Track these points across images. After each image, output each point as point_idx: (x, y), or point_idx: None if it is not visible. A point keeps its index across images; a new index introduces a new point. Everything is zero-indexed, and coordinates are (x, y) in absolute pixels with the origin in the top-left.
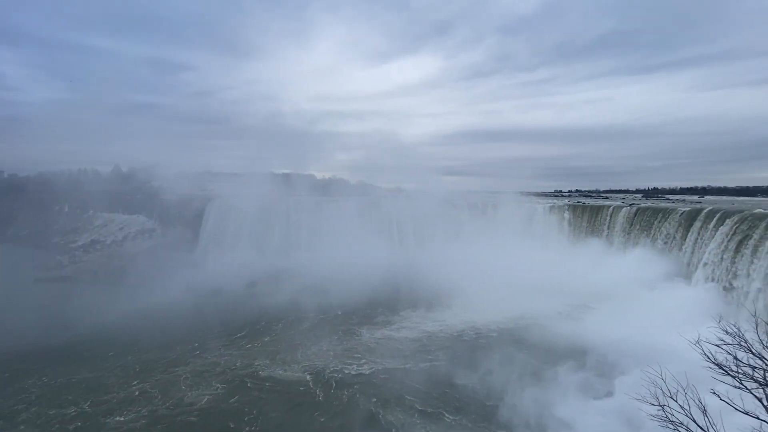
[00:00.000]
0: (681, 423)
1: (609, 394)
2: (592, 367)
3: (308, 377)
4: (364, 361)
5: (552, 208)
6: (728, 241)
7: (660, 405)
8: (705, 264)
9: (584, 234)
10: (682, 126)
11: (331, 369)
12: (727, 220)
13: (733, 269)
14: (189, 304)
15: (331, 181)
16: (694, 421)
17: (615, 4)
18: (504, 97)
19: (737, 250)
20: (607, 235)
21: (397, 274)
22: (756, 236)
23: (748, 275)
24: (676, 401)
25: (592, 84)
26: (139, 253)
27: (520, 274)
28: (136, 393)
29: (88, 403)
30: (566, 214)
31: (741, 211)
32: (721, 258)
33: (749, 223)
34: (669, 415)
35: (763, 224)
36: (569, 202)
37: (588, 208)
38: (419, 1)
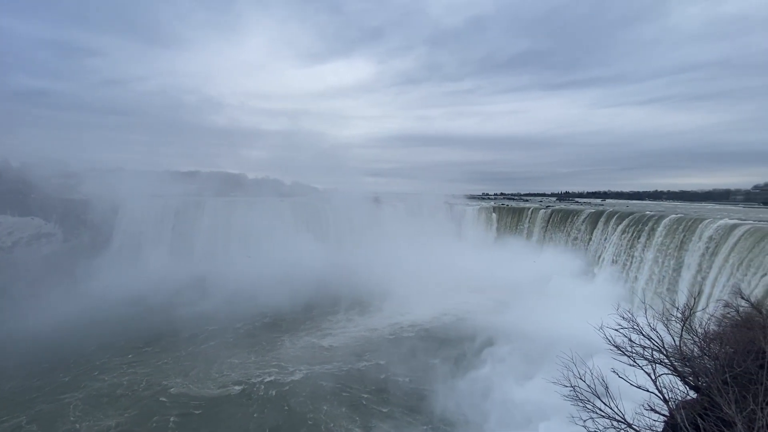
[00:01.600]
0: (588, 400)
1: (529, 378)
2: (513, 356)
3: (227, 392)
4: (293, 368)
5: (480, 209)
6: (624, 239)
7: (572, 386)
8: (607, 259)
9: (508, 233)
10: (585, 138)
11: (256, 380)
12: (623, 222)
13: (628, 262)
14: (94, 317)
15: (263, 181)
16: (599, 398)
17: (529, 27)
18: (434, 105)
19: (631, 247)
20: (527, 234)
21: (332, 276)
22: (645, 235)
23: (639, 267)
24: (584, 381)
25: (512, 96)
26: (33, 261)
27: (450, 272)
28: None
29: None
30: (493, 215)
31: (632, 213)
32: (619, 253)
33: (640, 223)
34: (578, 395)
35: (650, 225)
36: (495, 204)
37: (511, 210)
38: (352, 6)
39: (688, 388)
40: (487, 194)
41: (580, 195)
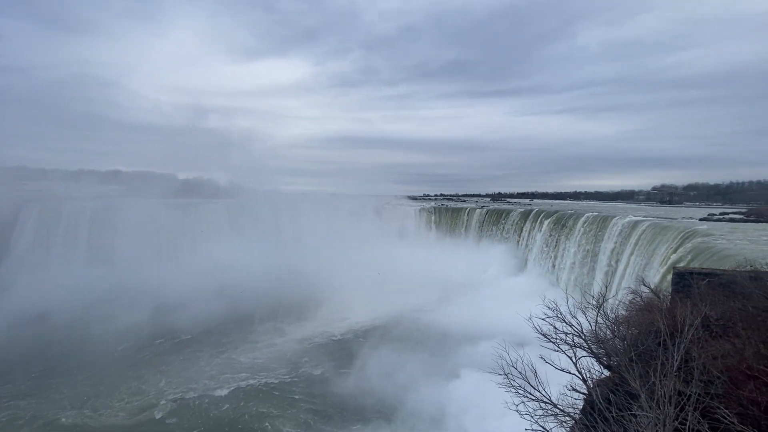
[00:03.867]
0: (520, 386)
1: (465, 368)
2: (452, 349)
3: (127, 421)
4: (203, 390)
5: (421, 210)
6: (549, 235)
7: (505, 374)
8: (535, 254)
9: (448, 232)
10: (512, 143)
11: (161, 405)
12: (547, 220)
13: (553, 256)
14: None
15: (196, 181)
16: (529, 383)
17: (456, 38)
18: (373, 108)
19: (555, 243)
20: (465, 233)
21: (272, 283)
22: (566, 231)
23: (562, 261)
24: (516, 369)
25: (445, 102)
26: None
27: (392, 273)
28: None
29: None
30: (433, 216)
31: (556, 212)
32: (545, 249)
33: (562, 221)
34: (511, 382)
35: (570, 223)
36: (435, 205)
37: (450, 210)
38: (286, 5)
39: (602, 368)
40: (428, 195)
41: (512, 195)
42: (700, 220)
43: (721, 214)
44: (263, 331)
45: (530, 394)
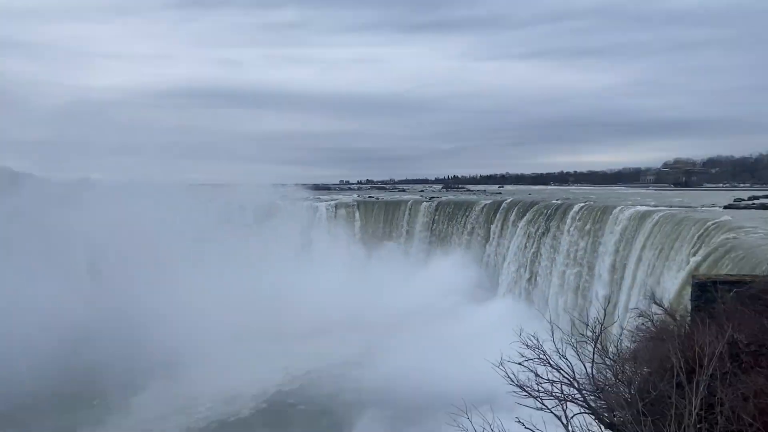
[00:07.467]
0: None
1: None
2: (398, 418)
3: None
4: None
5: (337, 206)
6: (526, 240)
7: None
8: (508, 267)
9: (380, 239)
10: (464, 102)
11: None
12: (525, 216)
13: (533, 270)
14: None
15: None
16: None
17: None
18: (243, 43)
19: (536, 250)
20: (406, 239)
21: (90, 336)
22: (551, 233)
23: (548, 275)
24: None
25: (357, 38)
26: None
27: (293, 309)
28: None
29: None
30: (357, 215)
31: (536, 204)
32: (522, 257)
33: (544, 217)
34: None
35: (555, 221)
36: (359, 198)
37: (383, 205)
38: None
39: (602, 427)
40: (348, 182)
41: (473, 180)
42: (725, 207)
43: (750, 198)
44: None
45: None
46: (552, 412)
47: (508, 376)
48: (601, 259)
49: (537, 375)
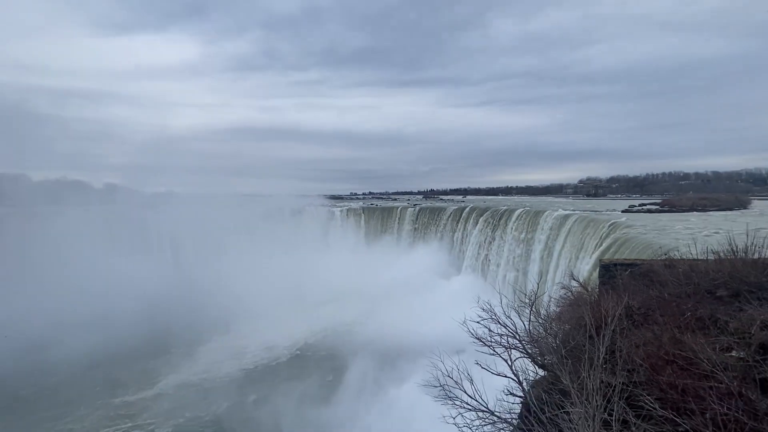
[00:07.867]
0: (456, 396)
1: (402, 384)
2: (385, 364)
3: None
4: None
5: (348, 211)
6: (483, 234)
7: (440, 385)
8: (470, 254)
9: (378, 234)
10: (436, 135)
11: None
12: (481, 218)
13: (488, 255)
14: None
15: (58, 183)
16: (466, 393)
17: (364, 23)
18: (281, 95)
19: (490, 241)
20: (397, 234)
21: (171, 302)
22: (500, 229)
23: (497, 259)
24: (452, 378)
25: (362, 91)
26: None
27: (315, 283)
28: None
29: None
30: (363, 217)
31: (489, 208)
32: (480, 247)
33: (495, 218)
34: (447, 393)
35: (503, 219)
36: (364, 204)
37: (380, 210)
38: None
39: (537, 368)
40: (356, 194)
41: (444, 192)
42: (623, 212)
43: (640, 205)
44: (152, 369)
45: (467, 404)
46: (501, 356)
47: (470, 331)
48: (535, 248)
49: (490, 330)
